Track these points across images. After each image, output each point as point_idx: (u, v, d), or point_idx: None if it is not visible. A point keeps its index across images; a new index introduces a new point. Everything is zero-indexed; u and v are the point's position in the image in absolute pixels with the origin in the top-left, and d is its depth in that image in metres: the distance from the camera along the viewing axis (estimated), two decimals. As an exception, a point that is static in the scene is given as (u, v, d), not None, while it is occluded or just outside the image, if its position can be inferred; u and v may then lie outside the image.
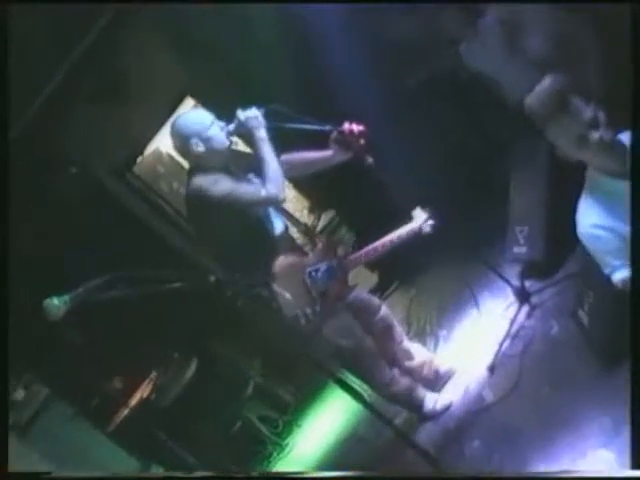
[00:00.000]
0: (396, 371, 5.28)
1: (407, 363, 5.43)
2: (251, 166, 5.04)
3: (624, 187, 3.46)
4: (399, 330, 5.49)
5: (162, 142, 9.61)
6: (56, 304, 3.32)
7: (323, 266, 5.07)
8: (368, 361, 5.18)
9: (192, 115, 5.19)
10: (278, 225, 5.11)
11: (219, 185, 4.86)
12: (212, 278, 3.61)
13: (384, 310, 5.44)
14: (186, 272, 3.55)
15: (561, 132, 3.70)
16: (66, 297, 3.34)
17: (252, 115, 4.92)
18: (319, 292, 4.99)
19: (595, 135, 3.56)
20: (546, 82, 3.76)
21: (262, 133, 4.95)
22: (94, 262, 7.30)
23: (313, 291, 4.98)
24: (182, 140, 4.99)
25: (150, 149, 9.49)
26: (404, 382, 5.27)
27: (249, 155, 5.20)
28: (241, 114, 4.94)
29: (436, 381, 5.43)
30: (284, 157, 5.15)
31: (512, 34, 5.96)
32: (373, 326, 5.32)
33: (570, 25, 5.34)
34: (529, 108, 3.80)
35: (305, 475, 4.68)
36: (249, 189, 4.89)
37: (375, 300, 5.52)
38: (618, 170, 3.56)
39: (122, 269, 3.43)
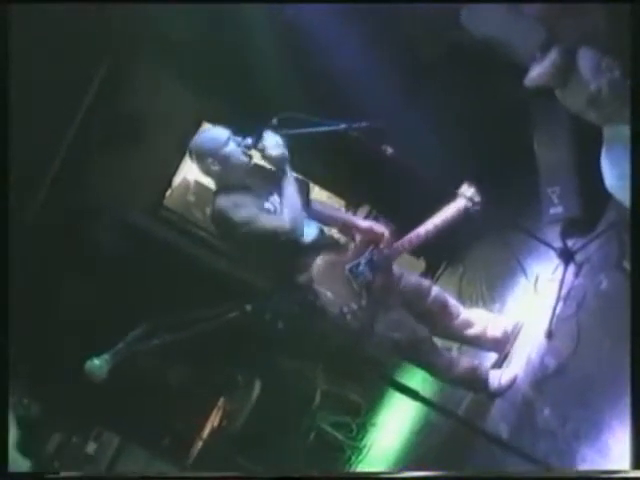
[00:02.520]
0: (455, 353, 5.24)
1: (469, 331, 5.38)
2: (273, 183, 5.03)
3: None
4: (454, 305, 5.42)
5: (188, 171, 9.67)
6: (97, 364, 3.33)
7: (363, 259, 5.03)
8: (425, 350, 5.13)
9: (207, 134, 5.12)
10: (311, 231, 5.08)
11: (239, 211, 4.85)
12: (248, 307, 3.58)
13: (435, 290, 5.38)
14: (222, 308, 3.53)
15: (569, 100, 3.66)
16: (106, 356, 3.34)
17: (274, 143, 4.91)
18: (363, 286, 4.94)
19: (604, 88, 3.51)
20: (547, 60, 3.70)
21: (283, 165, 4.96)
22: (136, 308, 7.39)
23: (356, 286, 4.93)
24: (200, 160, 5.01)
25: (177, 180, 9.53)
26: (465, 362, 5.23)
27: (270, 171, 5.16)
28: (265, 139, 4.92)
29: (505, 339, 5.37)
30: (315, 205, 5.24)
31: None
32: (427, 309, 5.28)
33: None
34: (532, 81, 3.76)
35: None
36: (268, 220, 4.86)
37: (424, 282, 5.44)
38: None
39: (164, 310, 3.42)
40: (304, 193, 5.13)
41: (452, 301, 5.44)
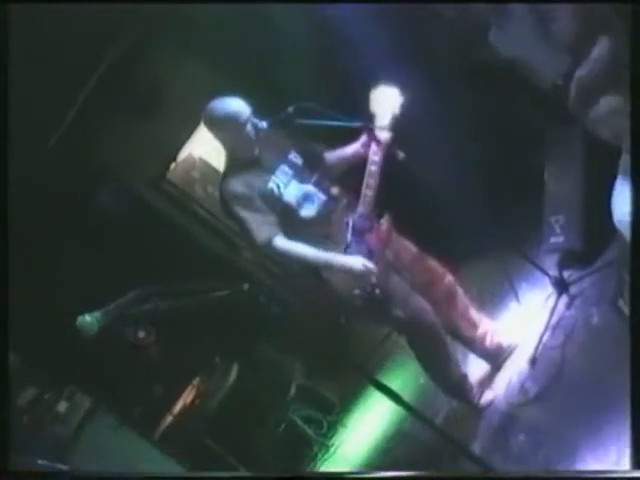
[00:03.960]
0: (455, 356, 5.26)
1: (470, 332, 5.37)
2: (282, 156, 5.09)
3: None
4: (464, 299, 5.40)
5: (195, 148, 9.67)
6: (88, 321, 3.35)
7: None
8: (431, 336, 5.11)
9: (226, 101, 5.07)
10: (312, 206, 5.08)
11: (235, 205, 4.92)
12: (245, 286, 3.60)
13: (449, 279, 5.35)
14: (219, 282, 3.54)
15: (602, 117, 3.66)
16: (98, 314, 3.36)
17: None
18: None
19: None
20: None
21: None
22: (132, 274, 7.40)
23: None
24: (213, 123, 5.05)
25: (183, 155, 9.54)
26: (460, 370, 5.26)
27: (279, 144, 5.17)
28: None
29: (497, 354, 5.38)
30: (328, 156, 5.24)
31: (540, 18, 5.91)
32: (435, 295, 5.25)
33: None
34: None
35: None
36: (259, 227, 4.87)
37: (439, 269, 5.35)
38: None
39: (159, 279, 3.44)
40: (314, 161, 5.18)
41: (462, 295, 5.39)
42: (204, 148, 9.78)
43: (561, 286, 5.30)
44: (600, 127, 3.81)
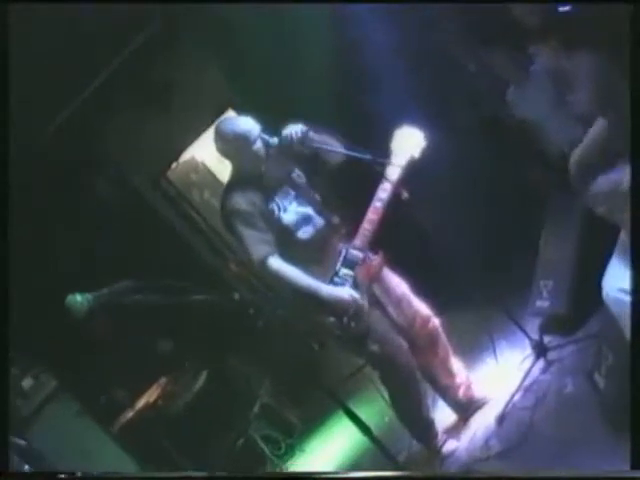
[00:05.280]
0: (426, 400, 5.29)
1: (445, 381, 5.39)
2: (286, 180, 5.13)
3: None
4: (446, 347, 5.41)
5: (198, 151, 9.71)
6: (79, 301, 3.35)
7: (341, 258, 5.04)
8: (401, 375, 5.16)
9: (237, 119, 5.22)
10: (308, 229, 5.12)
11: (235, 219, 4.99)
12: (236, 296, 3.63)
13: (433, 323, 5.37)
14: (211, 287, 3.57)
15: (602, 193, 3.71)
16: (89, 296, 3.36)
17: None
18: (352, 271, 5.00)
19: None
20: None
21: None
22: (121, 264, 7.42)
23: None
24: (223, 141, 5.05)
25: (186, 157, 9.58)
26: (429, 414, 5.30)
27: (285, 167, 5.21)
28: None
29: (467, 406, 5.40)
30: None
31: (560, 85, 5.97)
32: (416, 337, 5.28)
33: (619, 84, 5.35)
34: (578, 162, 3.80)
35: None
36: (256, 245, 4.93)
37: (425, 311, 5.36)
38: None
39: (147, 273, 3.45)
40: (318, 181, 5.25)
41: (444, 342, 5.40)
42: (208, 154, 9.82)
43: (540, 350, 5.34)
44: (598, 204, 3.86)
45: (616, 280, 3.67)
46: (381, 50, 6.99)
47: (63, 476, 3.28)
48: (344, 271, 4.99)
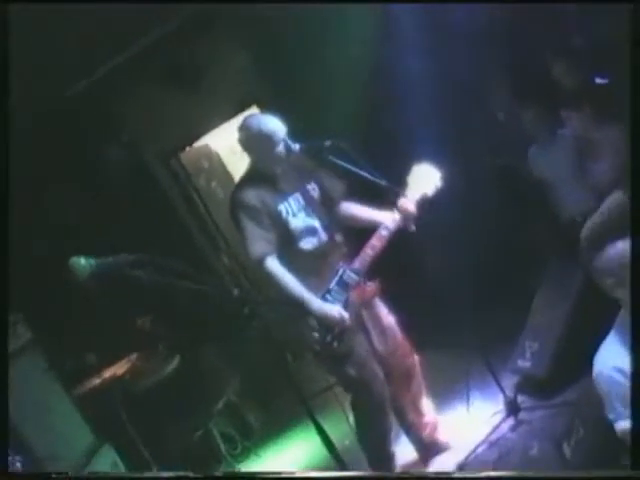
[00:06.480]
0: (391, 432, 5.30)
1: (413, 419, 5.42)
2: (300, 185, 5.17)
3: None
4: (420, 385, 5.43)
5: (214, 141, 9.74)
6: (82, 264, 3.31)
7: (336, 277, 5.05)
8: (372, 403, 5.16)
9: (265, 117, 5.19)
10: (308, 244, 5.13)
11: (242, 212, 5.00)
12: (235, 291, 3.63)
13: (414, 359, 5.39)
14: (213, 278, 3.57)
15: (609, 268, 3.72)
16: (93, 261, 3.34)
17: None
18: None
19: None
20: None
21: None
22: (118, 232, 7.42)
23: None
24: (248, 135, 5.09)
25: (201, 143, 9.60)
26: (391, 447, 5.31)
27: (302, 172, 5.25)
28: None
29: (430, 448, 5.42)
30: (344, 205, 5.30)
31: (584, 153, 6.01)
32: (393, 369, 5.30)
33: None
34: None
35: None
36: (256, 241, 4.96)
37: (407, 345, 5.39)
38: None
39: (145, 250, 3.43)
40: (330, 200, 5.27)
41: (420, 380, 5.43)
42: (223, 145, 9.87)
43: (512, 408, 5.39)
44: (605, 277, 3.87)
45: (612, 358, 3.68)
46: (418, 78, 7.04)
47: (54, 476, 3.28)
48: (337, 290, 5.01)
